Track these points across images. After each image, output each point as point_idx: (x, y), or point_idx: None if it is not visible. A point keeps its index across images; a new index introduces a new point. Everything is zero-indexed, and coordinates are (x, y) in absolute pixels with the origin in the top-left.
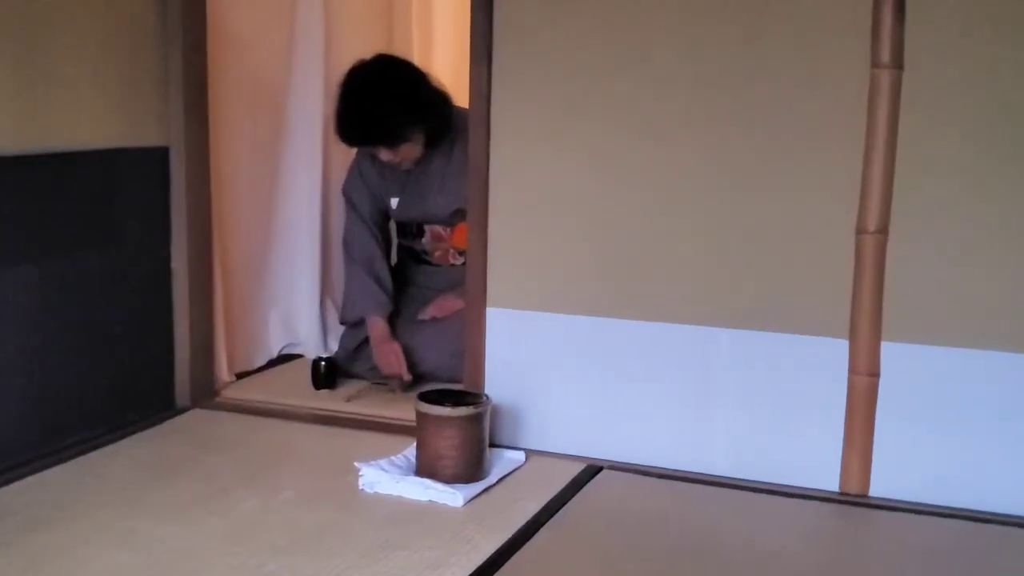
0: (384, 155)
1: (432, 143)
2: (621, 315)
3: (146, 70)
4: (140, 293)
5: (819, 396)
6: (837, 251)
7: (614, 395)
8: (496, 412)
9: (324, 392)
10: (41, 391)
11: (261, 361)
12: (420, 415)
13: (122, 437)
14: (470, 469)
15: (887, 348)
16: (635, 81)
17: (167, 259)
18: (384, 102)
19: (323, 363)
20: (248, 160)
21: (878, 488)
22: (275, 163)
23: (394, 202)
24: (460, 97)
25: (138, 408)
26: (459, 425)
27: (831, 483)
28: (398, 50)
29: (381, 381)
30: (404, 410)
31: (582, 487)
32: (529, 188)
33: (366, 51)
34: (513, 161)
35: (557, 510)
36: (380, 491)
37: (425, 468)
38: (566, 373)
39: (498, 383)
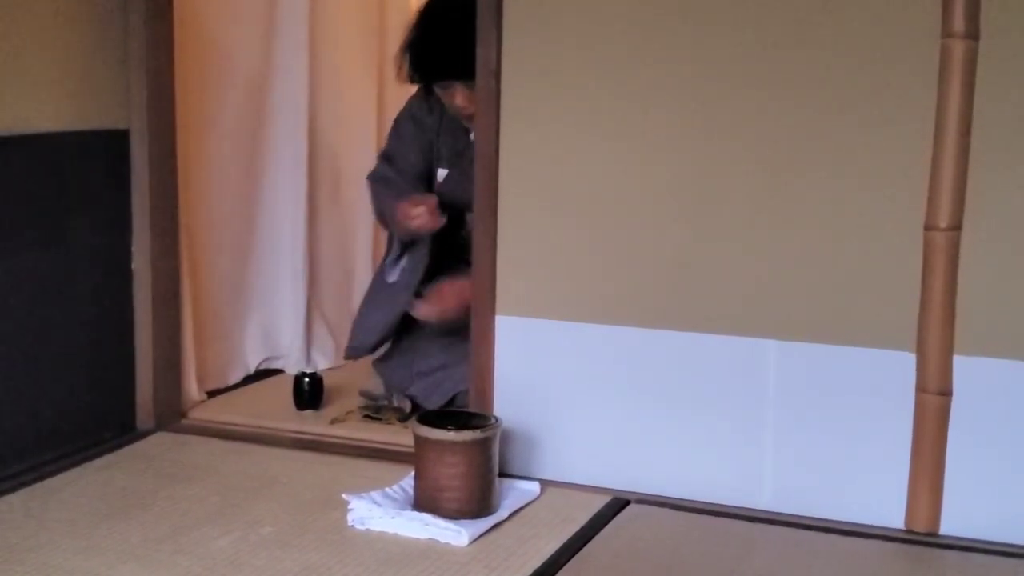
0: (460, 98)
1: None
2: (651, 324)
3: (103, 41)
4: (95, 298)
5: (882, 418)
6: (902, 251)
7: (643, 417)
8: (507, 436)
9: (308, 413)
10: None
11: (236, 377)
12: (419, 440)
13: (73, 465)
14: (476, 502)
15: (960, 363)
16: (668, 56)
17: (126, 259)
18: (459, 38)
19: (307, 380)
20: (221, 145)
21: (950, 525)
22: (253, 149)
23: (441, 173)
24: None
25: (92, 431)
26: (464, 451)
27: (895, 519)
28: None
29: (374, 415)
30: (399, 435)
31: (606, 523)
32: (544, 177)
33: (355, 28)
34: (526, 146)
35: (578, 550)
36: (372, 528)
37: (425, 501)
38: (588, 391)
39: (509, 402)
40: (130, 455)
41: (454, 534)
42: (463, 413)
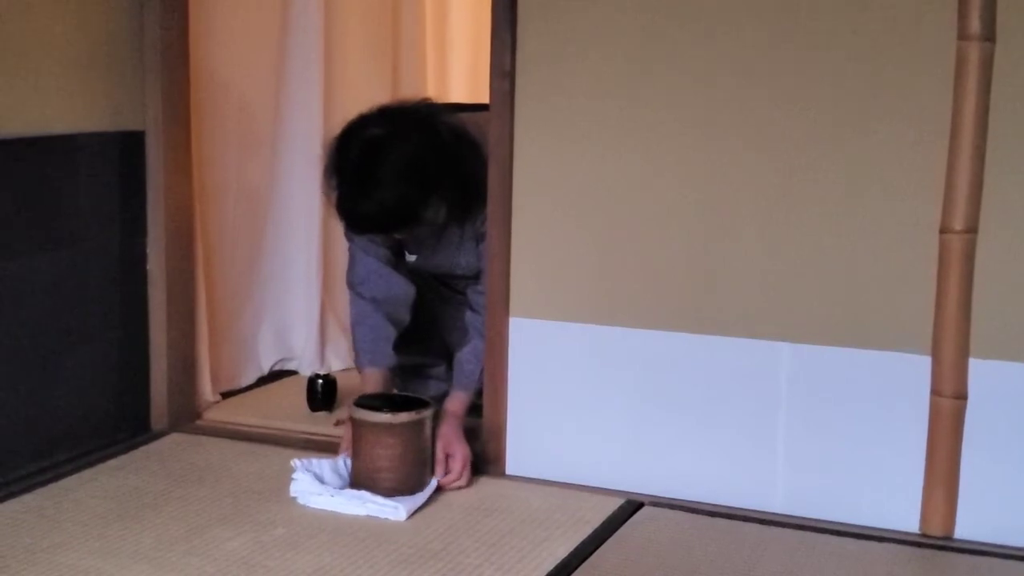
0: (398, 237)
1: (457, 212)
2: (665, 327)
3: (118, 43)
4: (110, 299)
5: (896, 421)
6: (917, 253)
7: (656, 419)
8: (520, 438)
9: (321, 414)
10: None
11: (250, 379)
12: (357, 423)
13: (87, 466)
14: (412, 480)
15: (976, 366)
16: (682, 59)
17: (142, 260)
18: (394, 187)
19: (320, 381)
20: (236, 147)
21: (965, 529)
22: (268, 151)
23: (411, 258)
24: (480, 94)
25: (107, 432)
26: (400, 433)
27: (910, 523)
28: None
29: None
30: None
31: (619, 526)
32: (558, 180)
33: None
34: (540, 149)
35: (590, 553)
36: (312, 505)
37: (362, 480)
38: (601, 393)
39: (522, 404)
40: (144, 456)
41: (392, 510)
42: (398, 397)
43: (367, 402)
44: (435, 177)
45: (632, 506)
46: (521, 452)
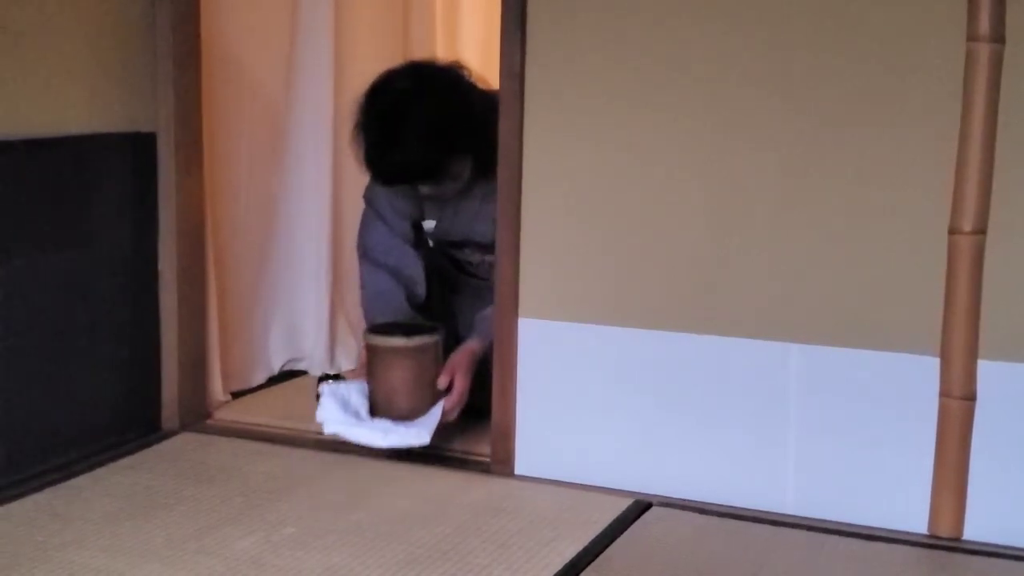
0: (424, 190)
1: (483, 170)
2: (674, 328)
3: (130, 44)
4: (121, 299)
5: (905, 422)
6: (926, 254)
7: (665, 420)
8: (529, 438)
9: None
10: (2, 412)
11: (261, 379)
12: (372, 348)
13: (98, 465)
14: (427, 401)
15: (985, 368)
16: (691, 60)
17: (153, 261)
18: (424, 135)
19: (331, 381)
20: (247, 149)
21: (974, 530)
22: (279, 152)
23: (429, 224)
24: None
25: (117, 432)
26: (414, 356)
27: (919, 524)
28: (417, 26)
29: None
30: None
31: (628, 526)
32: (568, 181)
33: (378, 30)
34: (550, 148)
35: (599, 553)
36: (333, 431)
37: (378, 403)
38: (610, 394)
39: (531, 405)
40: (155, 455)
41: (415, 436)
42: (406, 325)
43: (380, 329)
44: (463, 131)
45: (641, 506)
46: (530, 452)
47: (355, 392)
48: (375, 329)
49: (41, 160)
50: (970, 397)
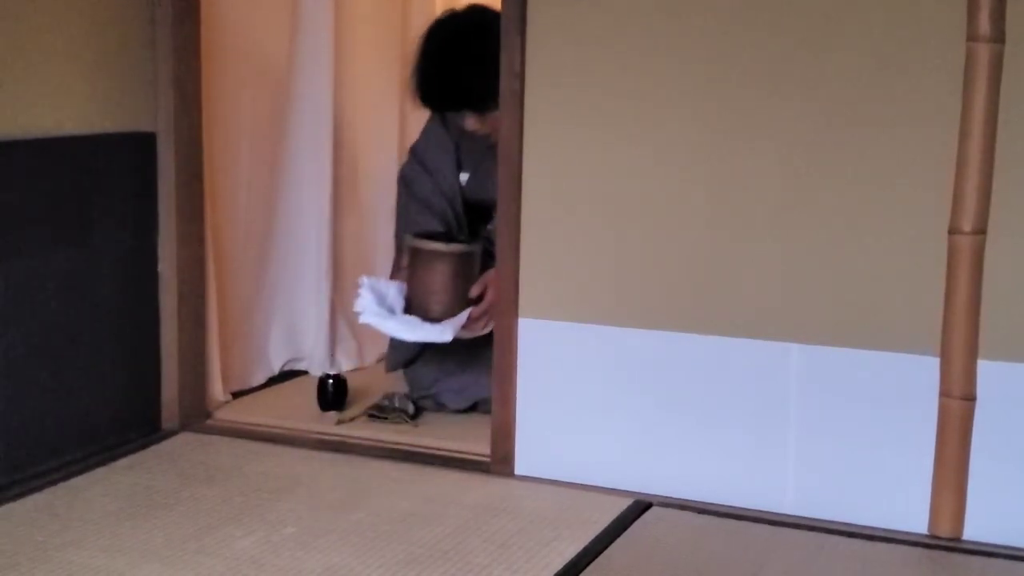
0: (470, 123)
1: None
2: (674, 328)
3: (130, 44)
4: (121, 299)
5: (905, 422)
6: (926, 254)
7: (665, 420)
8: (529, 438)
9: (332, 414)
10: (2, 412)
11: (261, 379)
12: (415, 251)
13: (98, 465)
14: (458, 306)
15: (985, 368)
16: (691, 60)
17: (153, 261)
18: (479, 62)
19: (331, 381)
20: (247, 148)
21: (973, 530)
22: (278, 152)
23: (464, 176)
24: None
25: (118, 432)
26: (452, 261)
27: (919, 524)
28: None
29: (378, 414)
30: (422, 437)
31: (628, 526)
32: (568, 181)
33: (377, 30)
34: (551, 148)
35: (599, 553)
36: (369, 322)
37: (416, 302)
38: (610, 394)
39: (531, 405)
40: (155, 455)
41: (439, 333)
42: (445, 234)
43: (424, 235)
44: None
45: (641, 506)
46: (530, 452)
47: (393, 290)
48: (420, 234)
49: (41, 160)
50: (970, 397)
